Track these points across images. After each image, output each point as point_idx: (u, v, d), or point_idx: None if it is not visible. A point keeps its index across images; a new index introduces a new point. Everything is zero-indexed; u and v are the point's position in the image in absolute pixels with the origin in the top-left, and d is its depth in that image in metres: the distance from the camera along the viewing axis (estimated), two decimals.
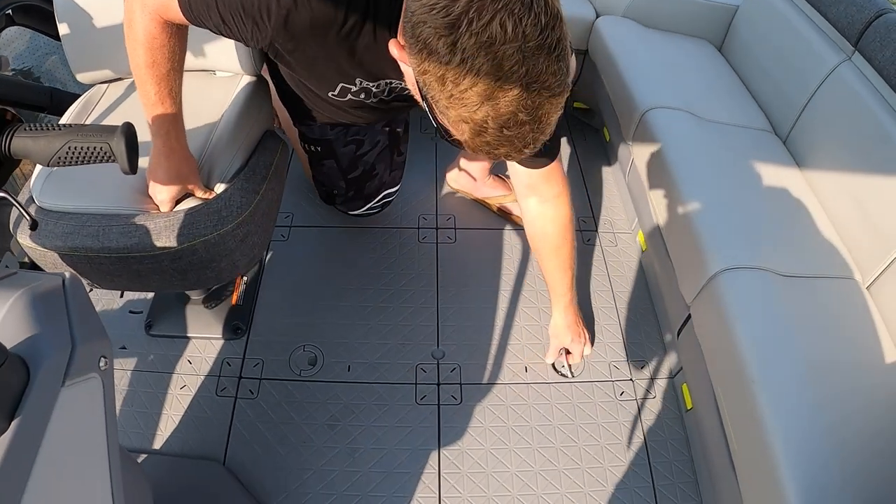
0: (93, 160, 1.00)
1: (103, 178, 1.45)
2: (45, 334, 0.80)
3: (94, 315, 0.94)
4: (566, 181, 1.73)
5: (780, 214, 1.91)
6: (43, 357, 0.78)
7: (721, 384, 1.62)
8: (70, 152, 0.98)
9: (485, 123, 1.00)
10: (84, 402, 0.87)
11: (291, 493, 1.72)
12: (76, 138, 0.97)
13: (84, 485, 0.88)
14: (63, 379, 0.81)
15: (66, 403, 0.81)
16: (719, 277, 1.67)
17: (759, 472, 1.43)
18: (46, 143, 0.99)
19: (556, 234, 1.77)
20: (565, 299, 1.93)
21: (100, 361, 0.89)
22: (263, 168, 1.61)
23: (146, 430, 1.83)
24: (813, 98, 2.06)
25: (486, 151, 1.06)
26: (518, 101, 0.97)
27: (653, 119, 2.13)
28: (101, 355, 0.90)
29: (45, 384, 0.78)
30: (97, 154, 0.99)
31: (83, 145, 0.98)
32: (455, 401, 1.91)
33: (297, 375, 1.95)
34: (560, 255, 1.82)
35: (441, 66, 0.96)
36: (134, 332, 2.04)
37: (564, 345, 1.98)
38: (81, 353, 0.84)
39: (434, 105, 1.06)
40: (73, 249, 1.43)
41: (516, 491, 1.76)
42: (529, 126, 1.01)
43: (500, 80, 0.95)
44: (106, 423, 0.91)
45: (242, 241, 1.54)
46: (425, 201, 2.46)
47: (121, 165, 1.00)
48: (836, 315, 1.68)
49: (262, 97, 1.76)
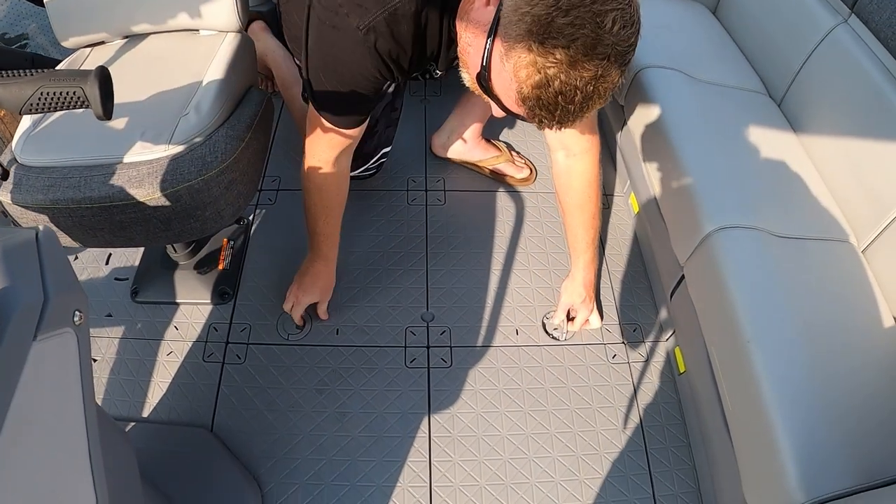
0: (66, 106, 0.96)
1: (84, 130, 1.44)
2: (15, 287, 0.77)
3: (69, 269, 0.90)
4: (597, 139, 1.77)
5: (775, 176, 1.88)
6: (13, 310, 0.75)
7: (715, 344, 1.60)
8: (42, 98, 0.94)
9: (551, 81, 1.05)
10: (57, 357, 0.84)
11: (280, 459, 1.71)
12: (48, 83, 0.93)
13: (59, 441, 0.85)
14: (35, 333, 0.78)
15: (38, 358, 0.78)
16: (713, 237, 1.64)
17: (753, 433, 1.41)
18: (18, 89, 0.95)
19: (581, 189, 1.81)
20: (586, 256, 1.93)
21: (74, 316, 0.86)
22: (248, 118, 1.59)
23: (133, 398, 1.81)
24: (808, 61, 2.02)
25: (530, 107, 1.11)
26: (585, 84, 1.05)
27: (645, 79, 2.09)
28: (76, 309, 0.87)
29: (15, 338, 0.75)
30: (70, 99, 0.94)
31: (55, 90, 0.93)
32: (445, 364, 1.89)
33: (284, 339, 1.93)
34: (584, 211, 1.84)
35: (550, 12, 1.01)
36: (120, 299, 2.01)
37: (574, 304, 1.97)
38: (54, 307, 0.81)
39: (503, 42, 1.11)
40: (54, 202, 1.41)
41: (507, 454, 1.74)
42: (575, 109, 1.09)
43: (587, 58, 1.02)
44: (81, 380, 0.88)
45: (227, 189, 1.52)
46: (414, 163, 2.42)
47: (94, 110, 0.96)
48: (830, 277, 1.66)
49: (247, 53, 1.73)
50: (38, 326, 0.79)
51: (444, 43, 1.44)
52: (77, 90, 0.93)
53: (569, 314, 2.00)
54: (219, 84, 1.56)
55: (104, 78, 0.96)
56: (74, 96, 0.94)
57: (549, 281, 2.11)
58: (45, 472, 0.81)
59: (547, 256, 2.17)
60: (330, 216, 1.77)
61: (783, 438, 1.33)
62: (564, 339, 1.98)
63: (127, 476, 1.23)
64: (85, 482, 0.91)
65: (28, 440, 0.76)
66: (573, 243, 1.93)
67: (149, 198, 1.42)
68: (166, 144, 1.45)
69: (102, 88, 0.95)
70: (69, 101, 0.95)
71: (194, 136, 1.48)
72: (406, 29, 1.34)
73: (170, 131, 1.47)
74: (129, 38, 1.73)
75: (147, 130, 1.47)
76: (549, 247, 2.20)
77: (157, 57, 1.68)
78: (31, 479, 0.78)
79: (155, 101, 1.54)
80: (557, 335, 1.98)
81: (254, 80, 1.77)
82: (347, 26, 1.31)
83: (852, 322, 1.58)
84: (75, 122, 1.50)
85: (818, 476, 1.29)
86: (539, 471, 1.72)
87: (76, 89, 0.93)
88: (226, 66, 1.61)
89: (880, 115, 1.72)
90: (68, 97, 0.94)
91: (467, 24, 1.24)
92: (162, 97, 1.55)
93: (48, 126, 1.50)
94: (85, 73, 0.94)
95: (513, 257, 2.17)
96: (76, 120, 1.50)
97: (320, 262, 1.88)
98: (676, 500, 1.71)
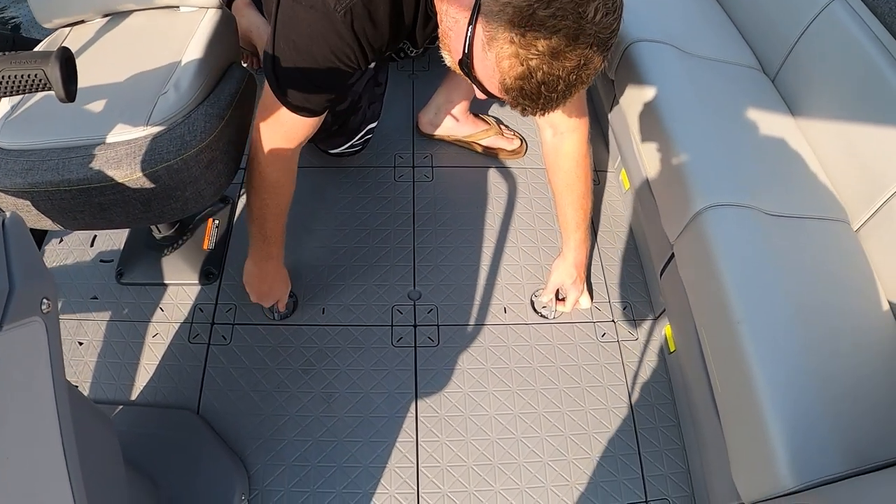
0: (29, 89, 0.92)
1: (63, 112, 1.41)
2: None
3: (36, 256, 0.88)
4: (586, 118, 1.75)
5: (768, 154, 1.86)
6: None
7: (704, 324, 1.58)
8: (3, 82, 0.91)
9: (533, 72, 1.06)
10: (25, 347, 0.82)
11: (267, 440, 1.70)
12: (8, 67, 0.90)
13: (29, 434, 0.84)
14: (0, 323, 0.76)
15: (4, 349, 0.77)
16: (704, 214, 1.62)
17: (743, 415, 1.40)
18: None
19: (569, 169, 1.79)
20: (577, 236, 1.90)
21: (42, 304, 0.84)
22: (229, 95, 1.56)
23: (119, 381, 1.80)
24: (803, 36, 1.98)
25: (513, 96, 1.12)
26: (568, 73, 1.06)
27: (636, 53, 2.05)
28: (44, 297, 0.84)
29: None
30: (32, 82, 0.91)
31: (16, 73, 0.90)
32: (432, 343, 1.88)
33: (270, 320, 1.91)
34: (573, 191, 1.83)
35: (531, 3, 1.01)
36: (105, 281, 1.99)
37: (564, 285, 1.95)
38: (20, 296, 0.79)
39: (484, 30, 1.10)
40: (33, 185, 1.38)
41: (495, 434, 1.73)
42: (558, 97, 1.10)
43: (569, 48, 1.03)
44: (52, 370, 0.86)
45: (207, 168, 1.49)
46: (401, 139, 2.38)
47: (56, 93, 0.93)
48: (824, 256, 1.64)
49: (228, 29, 1.69)
50: (4, 316, 0.77)
51: (419, 20, 1.40)
52: (38, 72, 0.90)
53: (558, 294, 1.98)
54: (199, 61, 1.52)
55: (65, 59, 0.92)
56: (36, 79, 0.91)
57: (538, 258, 2.09)
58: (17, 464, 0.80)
59: (536, 233, 2.15)
60: (281, 216, 1.70)
61: (773, 422, 1.31)
62: (553, 318, 1.96)
63: (109, 461, 1.22)
64: (60, 472, 0.90)
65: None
66: (564, 223, 1.91)
67: (127, 179, 1.39)
68: (145, 124, 1.42)
69: (63, 70, 0.92)
70: (31, 84, 0.92)
71: (173, 115, 1.44)
72: (383, 10, 1.31)
73: (148, 110, 1.43)
74: (109, 17, 1.69)
75: (125, 110, 1.44)
76: (538, 223, 2.17)
77: (137, 35, 1.64)
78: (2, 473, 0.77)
79: (134, 80, 1.51)
80: (546, 314, 1.96)
81: (235, 56, 1.73)
82: (324, 6, 1.27)
83: (845, 303, 1.56)
84: (54, 104, 1.45)
85: (808, 460, 1.28)
86: (527, 451, 1.72)
87: (37, 72, 0.90)
88: (206, 42, 1.57)
89: (875, 91, 1.69)
90: (29, 80, 0.91)
91: (448, 7, 1.21)
92: (141, 76, 1.52)
93: (27, 109, 1.47)
94: (46, 54, 0.91)
95: (502, 234, 2.15)
96: (55, 102, 1.46)
97: (270, 262, 1.78)
98: (666, 481, 1.71)
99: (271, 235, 1.70)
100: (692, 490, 1.70)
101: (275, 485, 1.64)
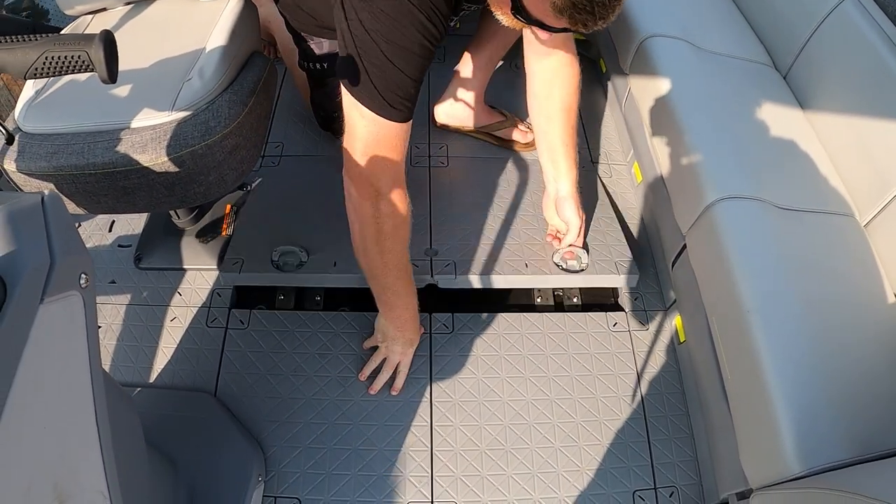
0: (71, 70, 0.96)
1: (87, 97, 1.44)
2: (22, 251, 0.78)
3: (75, 233, 0.91)
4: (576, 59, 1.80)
5: (779, 148, 1.88)
6: (20, 273, 0.76)
7: (715, 314, 1.61)
8: (47, 63, 0.94)
9: None
10: (64, 318, 0.84)
11: (283, 423, 1.73)
12: (53, 48, 0.93)
13: (66, 404, 0.87)
14: (42, 295, 0.79)
15: (45, 320, 0.79)
16: (716, 206, 1.65)
17: (751, 403, 1.43)
18: (23, 53, 0.95)
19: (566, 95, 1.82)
20: (572, 174, 1.92)
21: (80, 278, 0.87)
22: (251, 83, 1.59)
23: (137, 364, 1.83)
24: (815, 34, 2.01)
25: (570, 14, 1.15)
26: None
27: (651, 48, 2.08)
28: (82, 272, 0.88)
29: (23, 300, 0.76)
30: (75, 63, 0.95)
31: (61, 54, 0.94)
32: (447, 329, 1.91)
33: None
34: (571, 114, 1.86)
35: None
36: (124, 266, 2.03)
37: (567, 219, 1.96)
38: (60, 270, 0.82)
39: None
40: (58, 169, 1.41)
41: (508, 420, 1.76)
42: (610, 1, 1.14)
43: None
44: (88, 343, 0.89)
45: (231, 154, 1.52)
46: (417, 130, 2.37)
47: (99, 74, 0.96)
48: (832, 250, 1.66)
49: (249, 18, 1.72)
50: (45, 289, 0.80)
51: None
52: (82, 54, 0.93)
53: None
54: (222, 50, 1.55)
55: (109, 41, 0.96)
56: (79, 60, 0.94)
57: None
58: (52, 435, 0.83)
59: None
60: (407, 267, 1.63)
61: (781, 409, 1.34)
62: (582, 268, 1.97)
63: (132, 440, 1.25)
64: (92, 446, 0.93)
65: (36, 402, 0.78)
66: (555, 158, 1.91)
67: (152, 163, 1.42)
68: (169, 110, 1.45)
69: (107, 51, 0.95)
70: (74, 65, 0.95)
71: (197, 101, 1.47)
72: None
73: (173, 97, 1.46)
74: (131, 5, 1.72)
75: (150, 96, 1.47)
76: None
77: (160, 23, 1.67)
78: (40, 441, 0.80)
79: (158, 67, 1.54)
80: (570, 266, 1.97)
81: (257, 45, 1.76)
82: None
83: (853, 296, 1.59)
84: (78, 88, 1.49)
85: (815, 447, 1.30)
86: (539, 436, 1.74)
87: (81, 53, 0.93)
88: (228, 31, 1.60)
89: (885, 88, 1.72)
90: (73, 61, 0.94)
91: None
92: (165, 63, 1.54)
93: (51, 94, 1.50)
94: (90, 36, 0.94)
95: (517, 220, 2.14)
96: (79, 87, 1.49)
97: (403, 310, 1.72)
98: (674, 468, 1.73)
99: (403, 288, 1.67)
100: (700, 477, 1.72)
101: (291, 466, 1.67)
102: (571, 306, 2.04)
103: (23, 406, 0.74)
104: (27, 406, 0.75)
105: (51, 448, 0.83)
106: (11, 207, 0.79)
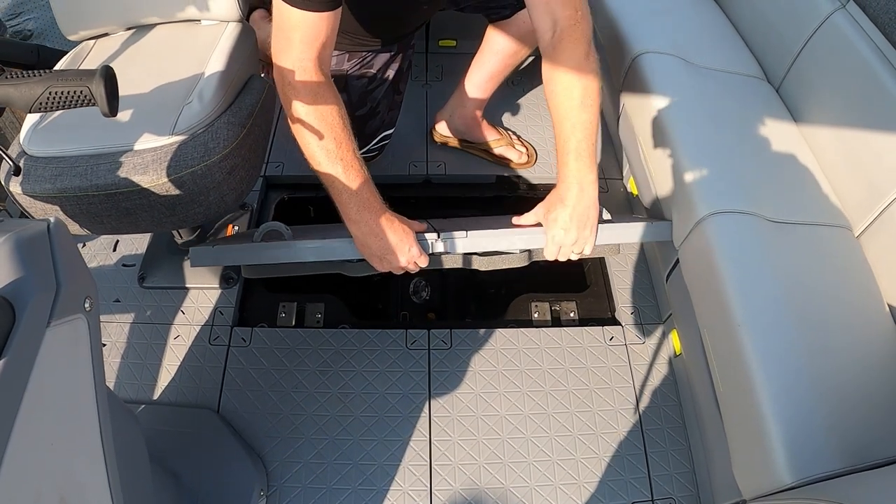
0: (74, 104, 0.99)
1: (90, 121, 1.46)
2: (29, 277, 0.81)
3: (79, 258, 0.94)
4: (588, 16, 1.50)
5: (771, 162, 1.90)
6: (28, 298, 0.79)
7: (707, 327, 1.63)
8: (51, 97, 0.98)
9: None
10: (70, 342, 0.88)
11: (284, 439, 1.75)
12: (56, 83, 0.97)
13: (72, 422, 0.89)
14: (48, 319, 0.82)
15: (51, 344, 0.82)
16: (707, 221, 1.67)
17: (743, 415, 1.44)
18: (27, 89, 0.99)
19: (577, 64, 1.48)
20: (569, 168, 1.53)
21: (85, 302, 0.90)
22: (249, 105, 1.62)
23: (142, 382, 1.86)
24: (806, 46, 2.03)
25: None
26: None
27: (643, 64, 2.11)
28: (86, 296, 0.91)
29: (30, 325, 0.79)
30: (78, 98, 0.98)
31: (63, 90, 0.97)
32: (445, 345, 1.93)
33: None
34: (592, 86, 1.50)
35: None
36: (128, 285, 2.06)
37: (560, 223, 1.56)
38: (66, 295, 0.85)
39: None
40: (61, 191, 1.44)
41: (506, 434, 1.78)
42: None
43: None
44: (93, 364, 0.92)
45: (230, 174, 1.55)
46: (415, 148, 2.44)
47: (101, 108, 1.00)
48: (825, 262, 1.67)
49: (247, 42, 1.75)
50: (52, 313, 0.83)
51: None
52: (84, 89, 0.97)
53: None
54: (221, 73, 1.58)
55: (109, 77, 0.99)
56: (81, 95, 0.98)
57: None
58: (59, 451, 0.86)
59: None
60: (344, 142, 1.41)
61: (772, 421, 1.35)
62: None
63: (136, 456, 1.27)
64: (97, 462, 0.96)
65: (43, 421, 0.81)
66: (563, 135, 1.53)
67: (153, 184, 1.45)
68: (170, 133, 1.47)
69: (108, 87, 0.99)
70: (76, 100, 0.98)
71: (197, 123, 1.50)
72: None
73: (173, 120, 1.49)
74: (132, 30, 1.76)
75: (151, 119, 1.50)
76: None
77: (160, 47, 1.70)
78: (47, 458, 0.83)
79: (158, 91, 1.57)
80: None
81: (255, 68, 1.79)
82: None
83: (845, 307, 1.60)
84: (81, 113, 1.50)
85: (806, 458, 1.32)
86: (536, 450, 1.77)
87: (83, 88, 0.97)
88: (227, 55, 1.63)
89: (877, 101, 1.73)
90: (75, 96, 0.98)
91: None
92: (165, 87, 1.58)
93: (55, 118, 1.53)
94: (90, 72, 0.98)
95: None
96: (81, 111, 1.49)
97: (371, 213, 1.45)
98: (672, 481, 1.75)
99: (350, 173, 1.42)
100: (697, 489, 1.74)
101: (292, 481, 1.69)
102: (568, 321, 2.06)
103: (30, 424, 0.77)
104: (35, 424, 0.78)
105: (57, 464, 0.86)
106: (19, 235, 0.83)
